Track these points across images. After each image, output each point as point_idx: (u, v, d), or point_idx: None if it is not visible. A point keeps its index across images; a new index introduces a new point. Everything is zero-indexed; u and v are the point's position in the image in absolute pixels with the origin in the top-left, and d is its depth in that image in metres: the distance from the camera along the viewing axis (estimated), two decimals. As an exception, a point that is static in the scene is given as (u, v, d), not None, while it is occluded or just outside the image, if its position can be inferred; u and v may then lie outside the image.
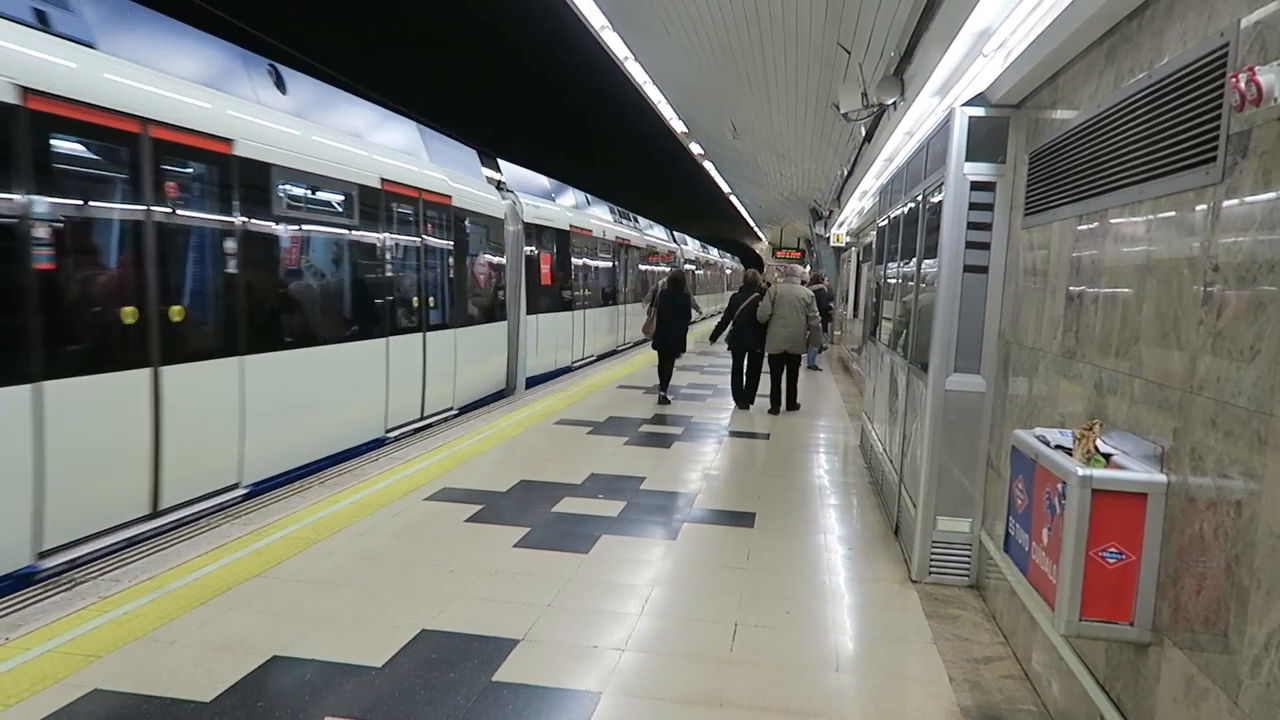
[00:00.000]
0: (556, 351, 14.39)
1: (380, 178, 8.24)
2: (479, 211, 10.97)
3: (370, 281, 8.30)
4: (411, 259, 9.10)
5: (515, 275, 12.46)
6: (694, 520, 6.01)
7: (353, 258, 8.03)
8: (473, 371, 10.80)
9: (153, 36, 5.92)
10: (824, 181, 19.11)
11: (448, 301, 9.98)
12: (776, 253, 37.71)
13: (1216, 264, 2.29)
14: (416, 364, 9.11)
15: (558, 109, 48.31)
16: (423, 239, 9.28)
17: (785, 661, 3.88)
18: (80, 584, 4.36)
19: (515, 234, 12.43)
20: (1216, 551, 2.21)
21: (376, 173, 8.22)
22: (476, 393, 11.04)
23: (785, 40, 8.94)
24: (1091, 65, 3.41)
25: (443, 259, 9.91)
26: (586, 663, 3.78)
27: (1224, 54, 2.29)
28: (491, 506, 6.07)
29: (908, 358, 5.88)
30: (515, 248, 12.46)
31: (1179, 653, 2.37)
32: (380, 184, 8.23)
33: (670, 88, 13.11)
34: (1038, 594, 2.85)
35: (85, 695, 3.29)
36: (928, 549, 4.93)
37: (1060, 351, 3.55)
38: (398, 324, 8.71)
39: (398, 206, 8.73)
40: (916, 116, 6.99)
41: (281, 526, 5.43)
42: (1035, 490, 2.91)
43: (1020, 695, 3.64)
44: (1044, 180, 3.88)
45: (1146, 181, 2.74)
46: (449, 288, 10.04)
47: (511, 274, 12.33)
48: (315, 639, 3.86)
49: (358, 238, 8.05)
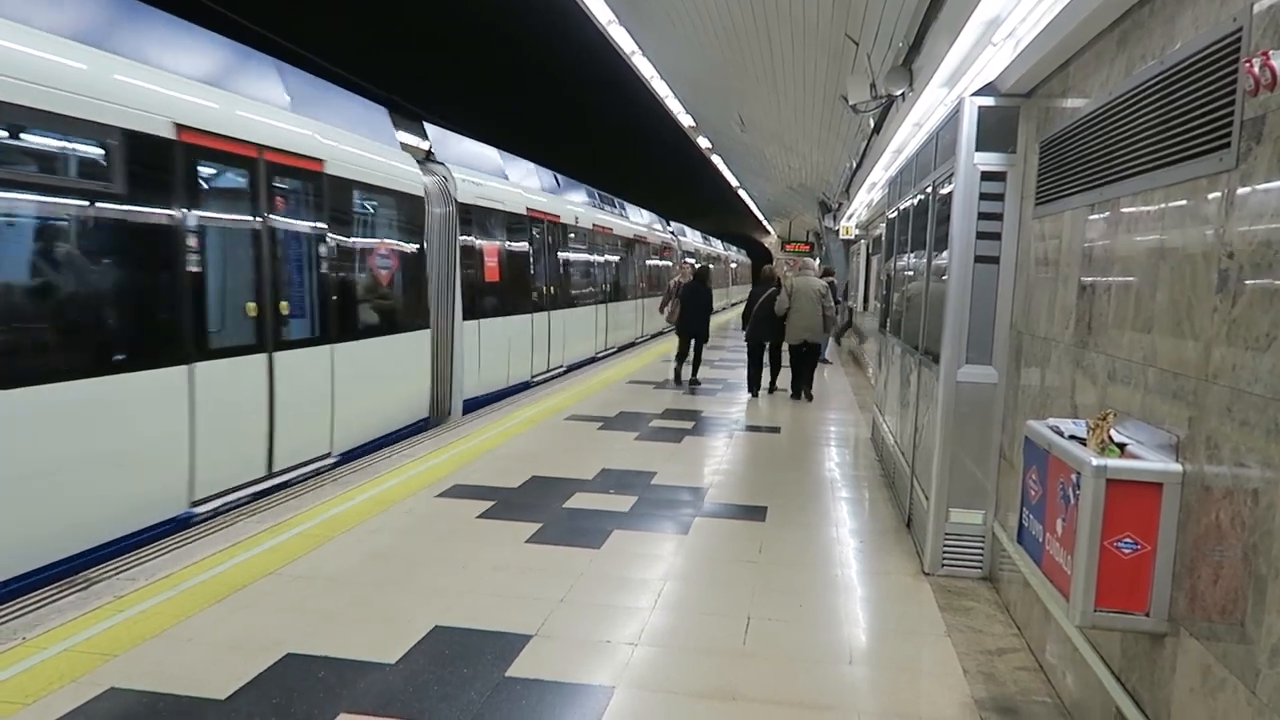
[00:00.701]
0: (510, 364, 11.46)
1: (172, 122, 5.43)
2: (379, 185, 8.16)
3: (153, 283, 5.48)
4: (242, 248, 6.20)
5: (445, 269, 9.73)
6: (706, 514, 6.01)
7: (106, 245, 5.18)
8: (368, 401, 7.91)
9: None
10: (833, 174, 19.06)
11: (318, 306, 7.04)
12: (785, 246, 37.62)
13: (1231, 251, 2.27)
14: (254, 398, 6.22)
15: (562, 105, 48.31)
16: (265, 218, 6.34)
17: (798, 655, 3.87)
18: (96, 583, 4.38)
19: (444, 217, 9.73)
20: (1233, 541, 2.19)
21: (162, 112, 5.38)
22: (376, 428, 8.08)
23: (793, 32, 8.90)
24: (1102, 53, 3.39)
25: (309, 248, 7.01)
26: (600, 657, 3.78)
27: (1237, 39, 2.26)
28: (503, 502, 6.08)
29: (919, 349, 5.86)
30: (445, 234, 9.75)
31: (1196, 643, 2.36)
32: (174, 132, 5.44)
33: (677, 81, 13.08)
34: (1052, 585, 2.83)
35: (102, 694, 3.31)
36: (940, 541, 4.91)
37: (1073, 341, 3.53)
38: (211, 343, 5.81)
39: (211, 169, 6.02)
40: (925, 107, 6.96)
41: (295, 524, 5.45)
42: (1049, 481, 2.90)
43: (1035, 687, 3.63)
44: (1055, 169, 3.85)
45: (1159, 169, 2.72)
46: (321, 287, 7.11)
47: (439, 267, 9.61)
48: (329, 636, 3.88)
49: (117, 213, 5.17)
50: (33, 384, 4.56)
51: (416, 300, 9.07)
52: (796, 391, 11.57)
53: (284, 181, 6.72)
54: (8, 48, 4.45)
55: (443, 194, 9.77)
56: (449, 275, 9.79)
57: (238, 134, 6.06)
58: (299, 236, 6.98)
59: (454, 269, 9.84)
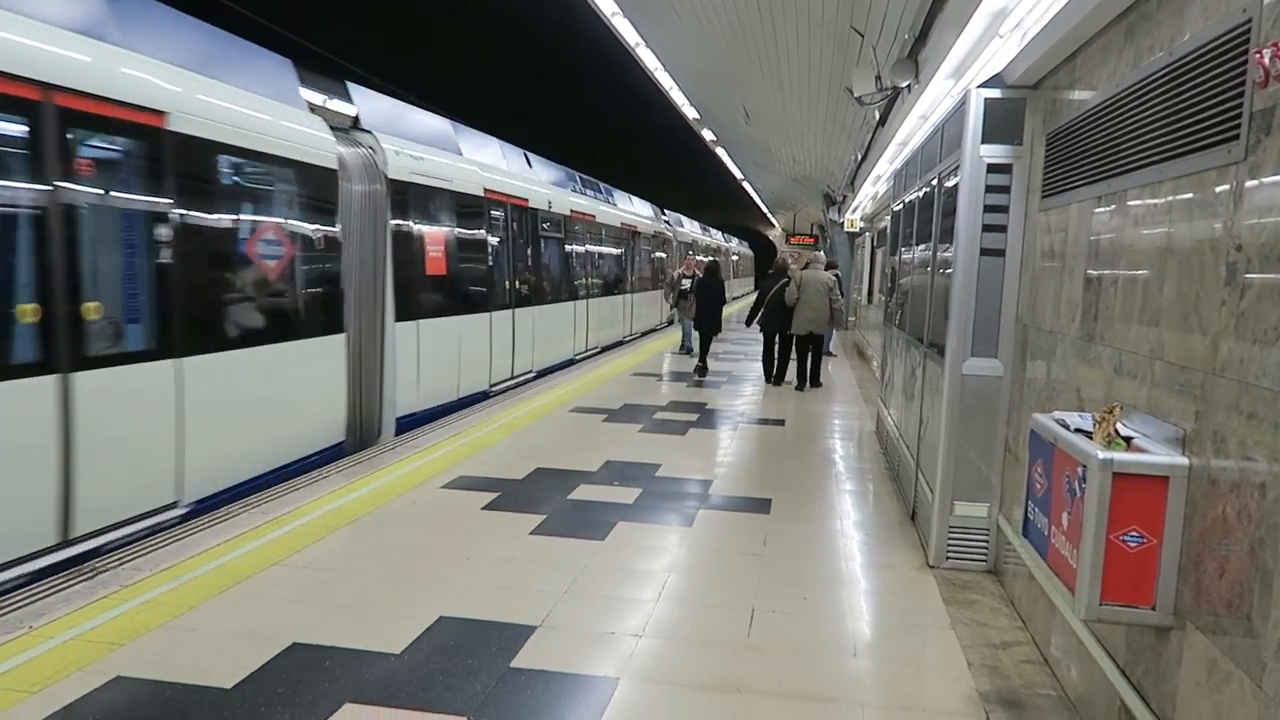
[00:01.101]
0: (462, 372, 9.73)
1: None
2: (265, 152, 6.40)
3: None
4: (8, 228, 4.47)
5: (371, 260, 7.97)
6: (710, 506, 6.01)
7: None
8: (244, 428, 6.21)
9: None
10: (837, 167, 19.01)
11: (155, 308, 5.34)
12: (789, 239, 37.58)
13: (1239, 244, 2.26)
14: (33, 438, 4.52)
15: (565, 98, 48.13)
16: (57, 187, 4.61)
17: (802, 647, 3.88)
18: (102, 572, 4.40)
19: (370, 196, 7.96)
20: (1240, 535, 2.19)
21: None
22: (259, 462, 6.37)
23: (798, 23, 8.87)
24: (1110, 44, 3.37)
25: (141, 230, 5.29)
26: (604, 649, 3.79)
27: (1247, 30, 2.25)
28: (508, 494, 6.09)
29: (924, 342, 5.85)
30: (370, 217, 7.96)
31: (1201, 637, 2.36)
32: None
33: (682, 74, 13.05)
34: (1057, 578, 2.83)
35: (108, 682, 3.33)
36: (945, 534, 4.91)
37: (1079, 334, 3.52)
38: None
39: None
40: (931, 99, 6.93)
41: (300, 515, 5.46)
42: (1055, 474, 2.89)
43: (1039, 680, 3.63)
44: (1061, 162, 3.84)
45: (1167, 161, 2.71)
46: (161, 282, 5.37)
47: (361, 257, 7.80)
48: (334, 626, 3.89)
49: None
50: None
51: (325, 298, 7.29)
52: (802, 382, 11.84)
53: (93, 137, 4.99)
54: None
55: (367, 168, 7.98)
56: (376, 267, 8.02)
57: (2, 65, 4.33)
58: (124, 214, 5.24)
59: (384, 259, 8.10)
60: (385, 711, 3.21)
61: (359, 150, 7.98)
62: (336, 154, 7.34)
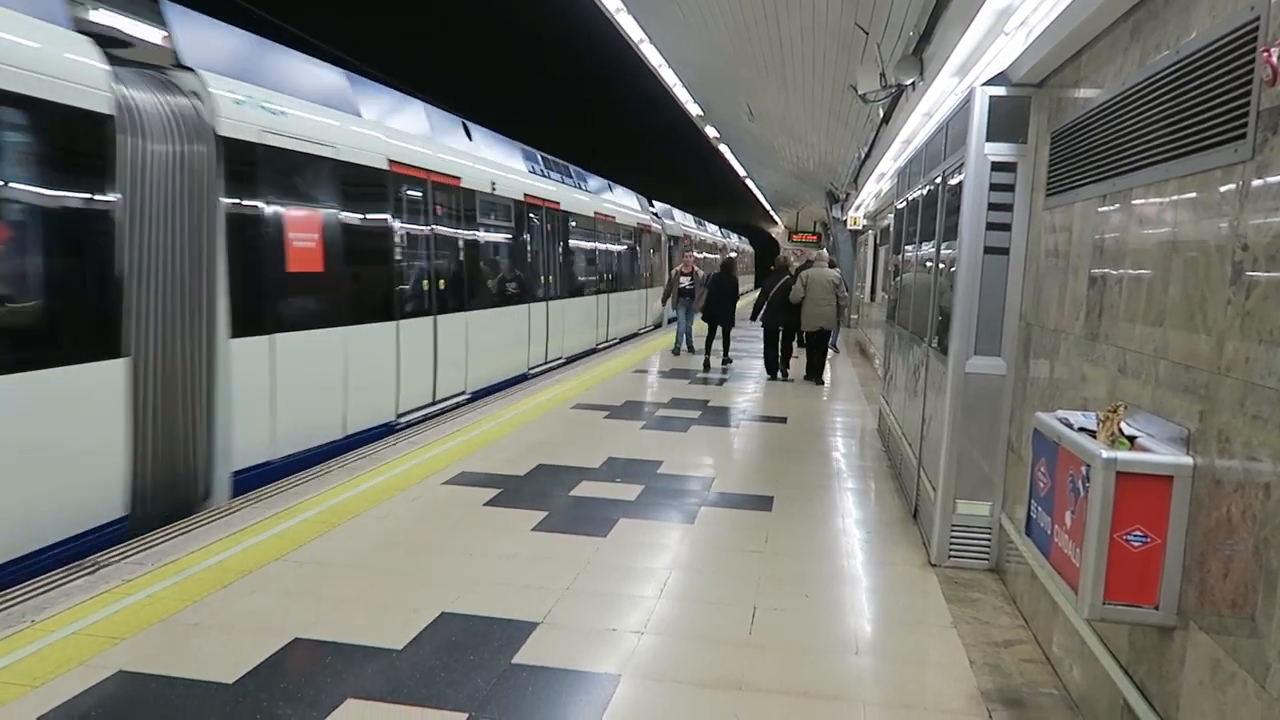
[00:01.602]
0: (347, 401, 7.43)
1: None
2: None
3: None
4: None
5: (181, 250, 5.62)
6: (712, 504, 6.01)
7: None
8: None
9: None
10: (841, 164, 18.97)
11: None
12: (792, 237, 37.54)
13: (1245, 243, 2.25)
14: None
15: (567, 94, 48.14)
16: None
17: (804, 645, 3.88)
18: (104, 567, 4.41)
19: (182, 159, 5.60)
20: (1244, 534, 2.18)
21: None
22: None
23: (802, 20, 8.84)
24: (1115, 42, 3.36)
25: None
26: (605, 645, 3.79)
27: (1254, 28, 2.24)
28: (510, 490, 6.09)
29: (927, 341, 5.84)
30: (183, 189, 5.61)
31: (1205, 636, 2.35)
32: None
33: (686, 70, 13.01)
34: (1060, 577, 2.82)
35: (110, 677, 3.33)
36: (947, 532, 4.91)
37: (1083, 333, 3.51)
38: None
39: None
40: (935, 97, 6.91)
41: (302, 510, 5.47)
42: (1058, 473, 2.89)
43: (1041, 679, 3.63)
44: (1066, 160, 3.83)
45: (1172, 160, 2.70)
46: None
47: (162, 246, 5.47)
48: (336, 621, 3.89)
49: None
50: None
51: (77, 307, 4.99)
52: (810, 374, 12.30)
53: None
54: None
55: (180, 120, 5.65)
56: (194, 261, 5.74)
57: None
58: None
59: (212, 250, 5.88)
60: (387, 707, 3.21)
61: (167, 96, 5.64)
62: (112, 95, 5.04)
